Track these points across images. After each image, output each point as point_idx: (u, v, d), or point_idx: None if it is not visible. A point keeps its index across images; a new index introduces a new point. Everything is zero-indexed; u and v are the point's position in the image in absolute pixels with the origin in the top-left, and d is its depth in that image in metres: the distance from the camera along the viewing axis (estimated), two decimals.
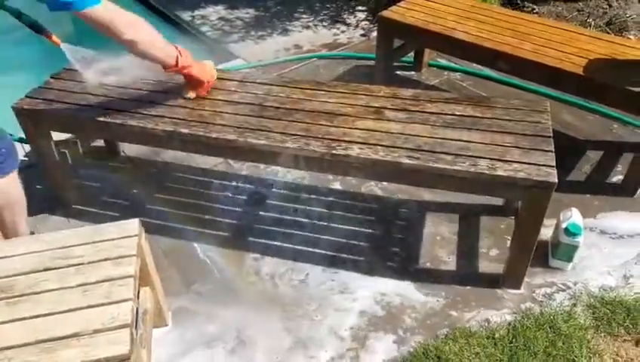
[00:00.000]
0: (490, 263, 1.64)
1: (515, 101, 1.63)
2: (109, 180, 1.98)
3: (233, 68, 2.62)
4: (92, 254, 1.19)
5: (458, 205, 1.82)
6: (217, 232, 1.76)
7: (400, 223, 1.79)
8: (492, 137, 1.46)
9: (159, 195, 1.91)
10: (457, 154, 1.39)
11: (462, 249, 1.69)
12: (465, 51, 2.11)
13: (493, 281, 1.57)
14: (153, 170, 2.04)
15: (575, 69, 1.83)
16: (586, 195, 1.88)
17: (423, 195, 1.88)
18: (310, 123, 1.52)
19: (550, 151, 1.40)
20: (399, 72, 2.58)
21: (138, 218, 1.28)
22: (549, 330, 1.41)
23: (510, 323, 1.45)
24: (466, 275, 1.60)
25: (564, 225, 1.56)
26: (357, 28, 3.03)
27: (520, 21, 2.16)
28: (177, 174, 2.01)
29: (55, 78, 1.76)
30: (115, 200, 1.90)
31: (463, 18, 2.18)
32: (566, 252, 1.58)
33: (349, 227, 1.78)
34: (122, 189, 1.94)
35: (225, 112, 1.58)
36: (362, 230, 1.76)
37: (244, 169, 2.02)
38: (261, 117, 1.55)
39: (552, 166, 1.35)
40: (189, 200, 1.89)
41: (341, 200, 1.89)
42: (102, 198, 1.90)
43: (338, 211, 1.83)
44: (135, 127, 1.54)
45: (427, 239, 1.73)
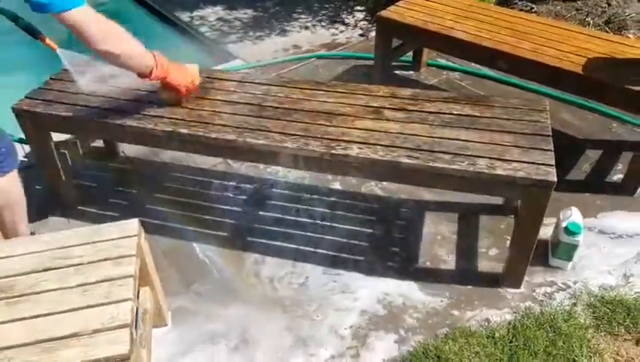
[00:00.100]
0: (490, 262, 1.64)
1: (514, 100, 1.63)
2: (109, 181, 1.98)
3: (232, 68, 2.62)
4: (92, 254, 1.19)
5: (458, 204, 1.82)
6: (217, 232, 1.76)
7: (400, 223, 1.79)
8: (491, 136, 1.46)
9: (158, 195, 1.91)
10: (456, 153, 1.39)
11: (462, 248, 1.69)
12: (463, 51, 2.11)
13: (493, 280, 1.57)
14: (152, 171, 2.04)
15: (574, 68, 1.83)
16: (586, 194, 1.88)
17: (423, 195, 1.88)
18: (309, 123, 1.52)
19: (549, 150, 1.40)
20: (398, 72, 2.58)
21: (138, 218, 1.28)
22: (549, 329, 1.41)
23: (510, 322, 1.45)
24: (466, 274, 1.61)
25: (563, 224, 1.56)
26: (355, 28, 3.04)
27: (519, 20, 2.17)
28: (176, 174, 2.02)
29: (55, 79, 1.76)
30: (115, 200, 1.90)
31: (462, 17, 2.18)
32: (566, 251, 1.58)
33: (349, 227, 1.78)
34: (122, 189, 1.94)
35: (224, 112, 1.58)
36: (362, 230, 1.76)
37: (243, 169, 2.02)
38: (260, 117, 1.55)
39: (552, 165, 1.35)
40: (189, 200, 1.89)
41: (341, 200, 1.89)
42: (101, 199, 1.90)
43: (338, 211, 1.83)
44: (134, 128, 1.54)
45: (427, 238, 1.73)
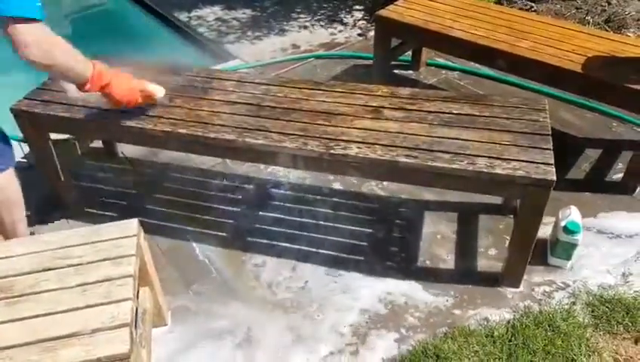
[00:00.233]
0: (489, 262, 1.64)
1: (514, 99, 1.63)
2: (108, 181, 1.98)
3: (231, 68, 2.62)
4: (91, 254, 1.19)
5: (457, 204, 1.83)
6: (216, 232, 1.76)
7: (400, 223, 1.79)
8: (490, 135, 1.46)
9: (158, 196, 1.91)
10: (455, 152, 1.39)
11: (461, 248, 1.70)
12: (463, 50, 2.11)
13: (492, 280, 1.57)
14: (151, 171, 2.04)
15: (574, 67, 1.83)
16: (585, 193, 1.88)
17: (423, 194, 1.88)
18: (308, 122, 1.52)
19: (549, 149, 1.40)
20: (397, 71, 2.58)
21: (137, 218, 1.28)
22: (548, 328, 1.42)
23: (509, 321, 1.45)
24: (466, 274, 1.61)
25: (563, 224, 1.56)
26: (354, 27, 3.04)
27: (518, 19, 2.17)
28: (175, 175, 2.02)
29: (53, 80, 1.76)
30: (114, 200, 1.90)
31: (461, 16, 2.18)
32: (565, 250, 1.58)
33: (350, 226, 1.78)
34: (121, 190, 1.94)
35: (223, 112, 1.58)
36: (362, 229, 1.76)
37: (242, 169, 2.02)
38: (259, 117, 1.55)
39: (551, 164, 1.35)
40: (188, 200, 1.89)
41: (341, 200, 1.89)
42: (100, 199, 1.91)
43: (338, 211, 1.83)
44: (133, 128, 1.54)
45: (427, 238, 1.73)
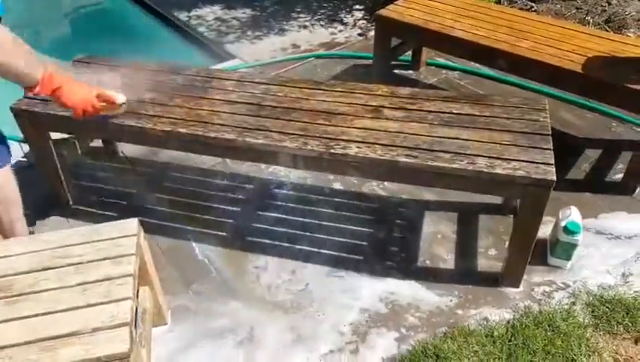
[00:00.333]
0: (489, 262, 1.64)
1: (514, 99, 1.63)
2: (108, 180, 1.98)
3: (231, 68, 2.62)
4: (91, 253, 1.19)
5: (457, 204, 1.82)
6: (216, 232, 1.76)
7: (400, 223, 1.79)
8: (490, 135, 1.46)
9: (157, 195, 1.91)
10: (456, 152, 1.39)
11: (461, 248, 1.69)
12: (463, 50, 2.11)
13: (492, 280, 1.57)
14: (151, 170, 2.04)
15: (574, 67, 1.83)
16: (585, 194, 1.88)
17: (423, 194, 1.88)
18: (308, 122, 1.52)
19: (549, 149, 1.40)
20: (397, 71, 2.58)
21: (137, 218, 1.28)
22: (548, 329, 1.42)
23: (509, 321, 1.45)
24: (466, 274, 1.61)
25: (563, 224, 1.56)
26: (354, 27, 3.04)
27: (518, 19, 2.17)
28: (176, 174, 2.02)
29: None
30: (114, 200, 1.90)
31: (461, 16, 2.18)
32: (565, 250, 1.58)
33: (350, 226, 1.78)
34: (121, 189, 1.94)
35: (223, 112, 1.58)
36: (363, 229, 1.76)
37: (242, 169, 2.02)
38: (259, 116, 1.55)
39: (551, 164, 1.35)
40: (188, 200, 1.89)
41: (341, 200, 1.89)
42: (100, 198, 1.90)
43: (339, 211, 1.83)
44: (133, 127, 1.54)
45: (427, 238, 1.73)
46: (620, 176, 1.94)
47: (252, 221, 1.81)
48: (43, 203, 1.85)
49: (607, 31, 2.75)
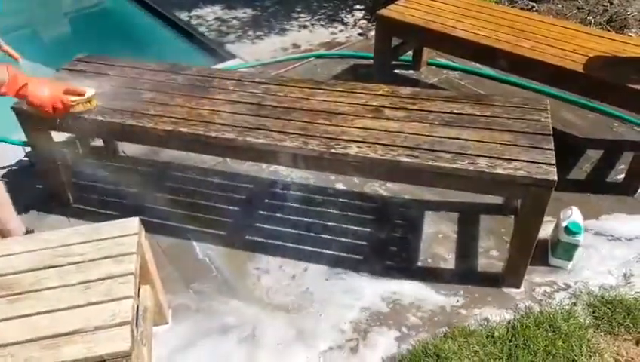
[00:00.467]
0: (490, 262, 1.64)
1: (515, 99, 1.63)
2: (109, 180, 1.98)
3: (231, 67, 2.62)
4: (93, 252, 1.19)
5: (458, 204, 1.82)
6: (216, 231, 1.76)
7: (401, 223, 1.79)
8: (491, 135, 1.46)
9: (158, 194, 1.91)
10: (456, 152, 1.39)
11: (462, 248, 1.69)
12: (464, 50, 2.11)
13: (493, 280, 1.57)
14: (152, 170, 2.04)
15: (575, 67, 1.82)
16: (586, 194, 1.87)
17: (424, 194, 1.88)
18: (309, 122, 1.52)
19: (550, 149, 1.40)
20: (398, 71, 2.58)
21: (138, 217, 1.29)
22: (549, 329, 1.41)
23: (510, 321, 1.45)
24: (466, 274, 1.61)
25: (564, 224, 1.55)
26: (355, 27, 3.03)
27: (519, 19, 2.16)
28: (176, 173, 2.02)
29: (57, 78, 1.76)
30: (115, 199, 1.90)
31: (462, 16, 2.18)
32: (566, 251, 1.57)
33: (351, 226, 1.78)
34: (121, 188, 1.94)
35: (223, 111, 1.58)
36: (364, 229, 1.76)
37: (243, 168, 2.02)
38: (259, 116, 1.55)
39: (552, 164, 1.34)
40: (188, 199, 1.89)
41: (343, 199, 1.89)
42: (101, 198, 1.91)
43: (340, 211, 1.83)
44: (134, 127, 1.54)
45: (428, 238, 1.73)
46: (622, 177, 1.94)
47: (252, 220, 1.81)
48: (44, 202, 1.86)
49: (608, 31, 2.75)
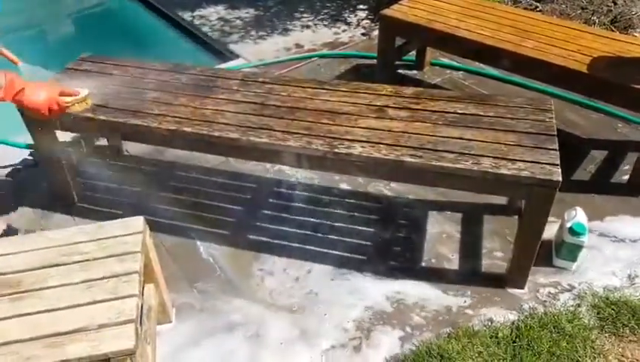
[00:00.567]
0: (494, 262, 1.64)
1: (519, 99, 1.62)
2: (113, 179, 1.99)
3: (234, 67, 2.63)
4: (97, 251, 1.20)
5: (462, 204, 1.82)
6: (220, 231, 1.76)
7: (405, 223, 1.79)
8: (495, 135, 1.45)
9: (162, 194, 1.91)
10: (460, 152, 1.39)
11: (466, 248, 1.69)
12: (467, 50, 2.10)
13: (497, 281, 1.57)
14: (156, 169, 2.05)
15: (579, 67, 1.82)
16: (590, 195, 1.87)
17: (428, 194, 1.87)
18: (312, 121, 1.52)
19: (554, 149, 1.39)
20: (401, 71, 2.58)
21: (142, 216, 1.29)
22: (553, 330, 1.41)
23: (514, 322, 1.45)
24: (470, 274, 1.60)
25: (568, 225, 1.55)
26: (358, 27, 3.03)
27: (523, 19, 2.16)
28: (180, 173, 2.02)
29: (57, 78, 1.77)
30: (119, 198, 1.91)
31: (466, 16, 2.17)
32: (570, 251, 1.57)
33: (355, 226, 1.77)
34: (126, 188, 1.95)
35: (227, 111, 1.58)
36: (368, 229, 1.76)
37: (247, 168, 2.02)
38: (263, 115, 1.56)
39: (557, 164, 1.34)
40: (192, 198, 1.90)
41: (347, 199, 1.89)
42: (105, 197, 1.91)
43: (344, 211, 1.83)
44: (139, 126, 1.54)
45: (432, 238, 1.72)
46: (626, 178, 1.93)
47: (256, 220, 1.81)
48: (49, 201, 1.87)
49: (612, 31, 2.74)
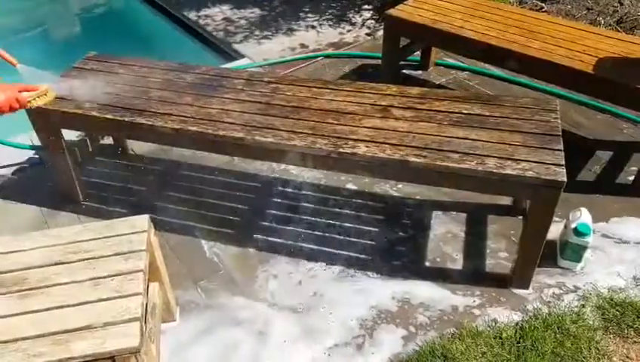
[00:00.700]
0: (498, 263, 1.63)
1: (524, 99, 1.62)
2: (118, 178, 2.00)
3: (239, 67, 2.64)
4: (103, 249, 1.20)
5: (467, 205, 1.82)
6: (225, 230, 1.77)
7: (410, 223, 1.79)
8: (500, 136, 1.45)
9: (167, 192, 1.92)
10: (465, 152, 1.39)
11: (471, 249, 1.69)
12: (472, 50, 2.10)
13: (501, 281, 1.56)
14: (161, 168, 2.05)
15: (585, 68, 1.81)
16: (595, 195, 1.86)
17: (433, 195, 1.87)
18: (317, 121, 1.52)
19: (559, 150, 1.39)
20: (406, 71, 2.58)
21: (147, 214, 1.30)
22: (557, 331, 1.40)
23: (518, 323, 1.44)
24: (474, 275, 1.60)
25: (573, 225, 1.54)
26: (363, 27, 3.03)
27: (528, 19, 2.15)
28: (185, 172, 2.03)
29: (65, 77, 1.78)
30: (124, 197, 1.92)
31: (471, 16, 2.17)
32: (575, 252, 1.56)
33: (361, 226, 1.77)
34: (131, 186, 1.96)
35: (232, 110, 1.59)
36: (374, 229, 1.76)
37: (252, 167, 2.03)
38: (268, 115, 1.56)
39: (562, 165, 1.34)
40: (197, 197, 1.90)
41: (353, 199, 1.88)
42: (111, 195, 1.92)
43: (349, 210, 1.83)
44: (144, 125, 1.55)
45: (437, 239, 1.72)
46: (631, 179, 1.92)
47: (261, 219, 1.81)
48: (55, 200, 1.88)
49: (618, 32, 2.72)
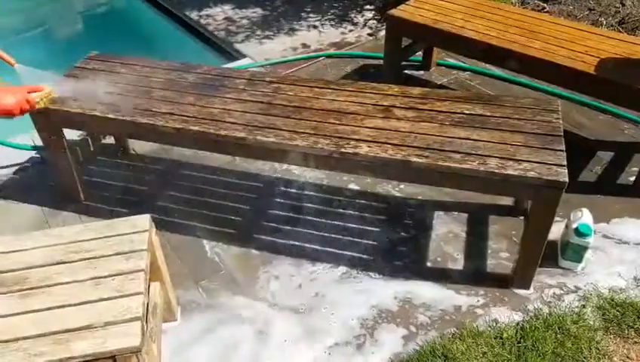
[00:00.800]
0: (499, 263, 1.63)
1: (525, 100, 1.62)
2: (119, 177, 2.00)
3: (241, 67, 2.64)
4: (104, 248, 1.21)
5: (469, 205, 1.82)
6: (226, 229, 1.77)
7: (412, 223, 1.79)
8: (502, 136, 1.45)
9: (168, 192, 1.92)
10: (467, 152, 1.39)
11: (472, 249, 1.69)
12: (474, 50, 2.10)
13: (502, 281, 1.57)
14: (163, 168, 2.06)
15: (586, 69, 1.81)
16: (597, 196, 1.86)
17: (435, 195, 1.87)
18: (319, 121, 1.53)
19: (561, 150, 1.39)
20: (407, 71, 2.58)
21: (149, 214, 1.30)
22: (558, 331, 1.40)
23: (518, 323, 1.44)
24: (475, 275, 1.60)
25: (574, 226, 1.54)
26: (365, 27, 3.03)
27: (530, 19, 2.15)
28: (187, 172, 2.03)
29: (67, 76, 1.79)
30: (125, 196, 1.92)
31: (472, 16, 2.17)
32: (576, 252, 1.56)
33: (362, 226, 1.77)
34: (132, 186, 1.96)
35: (234, 110, 1.59)
36: (375, 229, 1.76)
37: (254, 167, 2.03)
38: (270, 115, 1.56)
39: (563, 165, 1.34)
40: (199, 197, 1.91)
41: (354, 199, 1.88)
42: (112, 195, 1.92)
43: (351, 211, 1.83)
44: (145, 125, 1.55)
45: (438, 239, 1.72)
46: (632, 179, 1.92)
47: (262, 219, 1.81)
48: (56, 199, 1.88)
49: (620, 32, 2.72)
